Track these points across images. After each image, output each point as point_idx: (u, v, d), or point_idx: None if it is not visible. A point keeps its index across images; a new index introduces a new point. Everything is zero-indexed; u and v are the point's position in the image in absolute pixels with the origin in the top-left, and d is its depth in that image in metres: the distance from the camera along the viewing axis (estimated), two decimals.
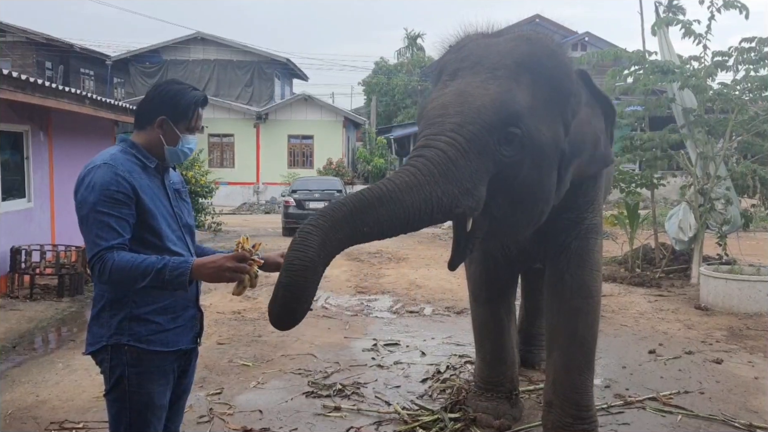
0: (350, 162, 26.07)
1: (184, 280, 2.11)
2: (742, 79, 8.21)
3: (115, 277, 2.10)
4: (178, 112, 2.31)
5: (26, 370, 5.08)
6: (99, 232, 2.12)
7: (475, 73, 2.96)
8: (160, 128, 2.31)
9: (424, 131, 2.84)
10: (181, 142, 2.34)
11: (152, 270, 2.08)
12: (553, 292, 3.67)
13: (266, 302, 2.40)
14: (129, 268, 2.09)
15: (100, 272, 2.10)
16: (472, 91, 2.87)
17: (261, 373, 4.99)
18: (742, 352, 5.64)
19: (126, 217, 2.16)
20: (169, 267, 2.09)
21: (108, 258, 2.09)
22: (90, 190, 2.15)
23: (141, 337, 2.22)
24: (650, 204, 10.21)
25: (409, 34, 36.43)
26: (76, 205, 2.19)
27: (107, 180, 2.15)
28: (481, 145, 2.74)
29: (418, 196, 2.57)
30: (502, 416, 3.98)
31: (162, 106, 2.31)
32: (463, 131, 2.73)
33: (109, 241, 2.11)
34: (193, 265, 2.12)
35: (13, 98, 6.68)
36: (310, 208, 14.83)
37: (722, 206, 8.36)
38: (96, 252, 2.11)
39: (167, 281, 2.10)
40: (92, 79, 27.22)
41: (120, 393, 2.24)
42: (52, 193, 8.86)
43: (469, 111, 2.79)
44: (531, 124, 2.86)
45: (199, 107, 2.36)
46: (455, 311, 7.15)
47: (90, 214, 2.14)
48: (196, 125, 2.37)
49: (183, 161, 2.48)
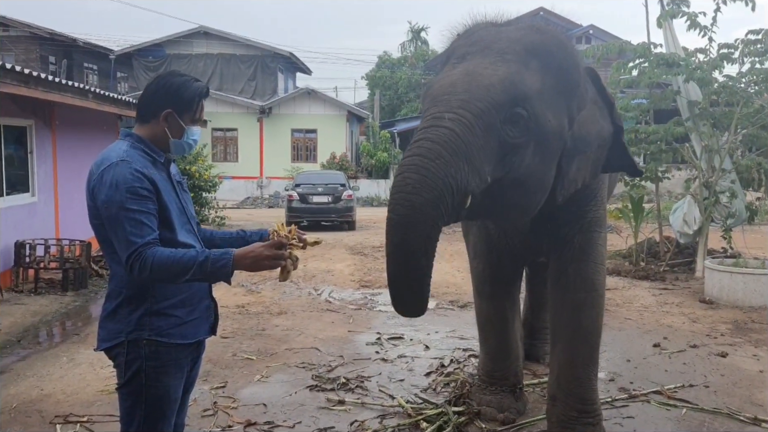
0: (354, 156, 26.02)
1: (228, 272, 2.12)
2: (747, 71, 8.17)
3: (157, 273, 2.09)
4: (182, 105, 2.30)
5: (31, 364, 5.10)
6: (132, 230, 2.11)
7: (485, 56, 2.96)
8: (165, 121, 2.30)
9: (430, 109, 2.83)
10: (186, 134, 2.34)
11: (194, 264, 2.09)
12: (557, 286, 3.66)
13: (270, 297, 2.39)
14: (171, 263, 2.08)
15: (140, 269, 2.08)
16: (480, 71, 2.87)
17: (265, 366, 4.99)
18: (747, 346, 5.63)
19: (153, 212, 2.17)
20: (210, 259, 2.10)
21: (148, 254, 2.08)
22: (115, 189, 2.13)
23: (162, 331, 2.23)
24: (655, 197, 10.19)
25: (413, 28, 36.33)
26: (102, 205, 2.15)
27: (129, 177, 2.14)
28: (487, 122, 2.74)
29: (437, 187, 2.58)
30: (506, 410, 3.98)
31: (166, 99, 2.29)
32: (470, 107, 2.73)
33: (144, 237, 2.11)
34: (234, 256, 2.12)
35: (17, 92, 6.69)
36: (314, 202, 14.84)
37: (727, 199, 8.34)
38: (134, 249, 2.09)
39: (210, 273, 2.11)
40: (96, 73, 27.24)
41: (136, 387, 2.24)
42: (56, 188, 8.88)
43: (477, 89, 2.78)
44: (537, 108, 2.86)
45: (204, 98, 2.36)
46: (459, 305, 7.14)
47: (120, 213, 2.12)
48: (200, 117, 2.37)
49: (188, 153, 2.47)
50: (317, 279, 8.72)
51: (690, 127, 8.50)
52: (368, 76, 34.01)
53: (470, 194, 2.73)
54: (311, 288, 8.10)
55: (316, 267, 9.62)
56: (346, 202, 14.88)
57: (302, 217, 14.73)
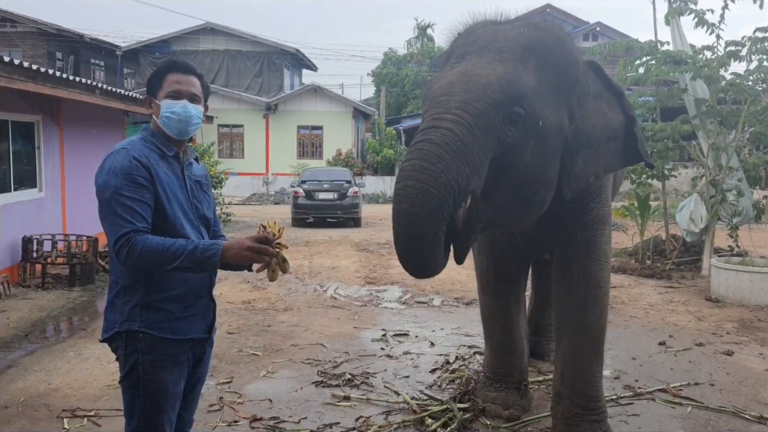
0: (359, 153, 26.02)
1: (216, 261, 2.14)
2: (755, 69, 8.13)
3: (144, 259, 2.11)
4: (152, 86, 2.37)
5: (38, 359, 5.13)
6: (124, 215, 2.12)
7: (482, 56, 2.98)
8: (149, 107, 2.37)
9: (429, 110, 2.85)
10: (162, 108, 2.32)
11: (183, 251, 2.10)
12: (561, 283, 3.66)
13: (276, 293, 2.42)
14: (159, 250, 2.10)
15: (127, 254, 2.10)
16: (477, 71, 2.88)
17: (270, 362, 5.01)
18: (753, 344, 5.62)
19: (148, 201, 2.18)
20: (200, 249, 2.12)
21: (137, 240, 2.10)
22: (112, 174, 2.17)
23: (152, 324, 2.24)
24: (661, 195, 10.16)
25: (420, 24, 36.26)
26: (97, 188, 2.19)
27: (126, 165, 2.18)
28: (486, 123, 2.75)
29: (440, 191, 2.61)
30: (510, 407, 3.99)
31: (146, 88, 2.40)
32: (468, 108, 2.75)
33: (135, 224, 2.12)
34: (222, 246, 2.14)
35: (25, 88, 6.70)
36: (320, 199, 14.84)
37: (734, 197, 8.31)
38: (122, 233, 2.11)
39: (198, 262, 2.12)
40: (102, 69, 27.31)
41: (134, 380, 2.26)
42: (63, 183, 8.92)
43: (475, 89, 2.80)
44: (535, 106, 2.87)
45: (170, 72, 2.36)
46: (464, 302, 7.15)
47: (113, 197, 2.14)
48: (173, 89, 2.33)
49: (177, 129, 2.34)
50: (323, 276, 8.74)
51: (697, 125, 8.47)
52: (374, 73, 33.95)
53: (470, 194, 2.75)
54: (317, 284, 8.12)
55: (322, 264, 9.64)
56: (351, 198, 14.89)
57: (308, 214, 14.75)
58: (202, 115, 2.38)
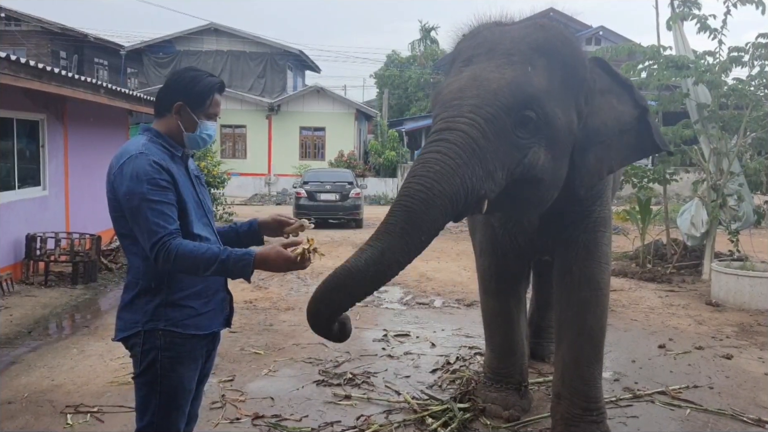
0: (362, 154, 26.04)
1: (249, 271, 2.18)
2: (757, 74, 8.16)
3: (180, 264, 2.15)
4: (194, 98, 2.33)
5: (41, 355, 5.16)
6: (156, 220, 2.15)
7: (490, 59, 2.98)
8: (177, 114, 2.34)
9: (441, 114, 2.86)
10: (200, 128, 2.37)
11: (216, 260, 2.14)
12: (562, 285, 3.69)
13: (277, 293, 2.45)
14: (193, 256, 2.14)
15: (164, 259, 2.13)
16: (487, 75, 2.89)
17: (272, 361, 5.04)
18: (753, 348, 5.64)
19: (173, 202, 2.22)
20: (232, 258, 2.15)
21: (172, 245, 2.13)
22: (137, 181, 2.18)
23: (177, 322, 2.28)
24: (662, 199, 10.18)
25: (424, 27, 36.27)
26: (124, 196, 2.19)
27: (149, 169, 2.19)
28: (498, 127, 2.77)
29: (454, 182, 2.62)
30: (511, 407, 4.01)
31: (178, 92, 2.33)
32: (481, 112, 2.76)
33: (168, 227, 2.16)
34: (255, 257, 2.18)
35: (31, 87, 6.75)
36: (322, 200, 14.87)
37: (735, 202, 8.32)
38: (158, 239, 2.14)
39: (231, 272, 2.18)
40: (106, 68, 27.35)
41: (151, 377, 2.29)
42: (66, 182, 8.94)
43: (486, 93, 2.81)
44: (547, 107, 2.88)
45: (215, 93, 2.38)
46: (465, 303, 7.17)
47: (142, 204, 2.16)
48: (213, 111, 2.39)
49: (202, 147, 2.50)
50: (324, 276, 8.73)
51: (699, 129, 8.50)
52: (377, 75, 33.98)
53: (486, 198, 2.76)
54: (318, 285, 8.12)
55: (324, 264, 9.59)
56: (353, 200, 14.92)
57: (310, 215, 14.69)
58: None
